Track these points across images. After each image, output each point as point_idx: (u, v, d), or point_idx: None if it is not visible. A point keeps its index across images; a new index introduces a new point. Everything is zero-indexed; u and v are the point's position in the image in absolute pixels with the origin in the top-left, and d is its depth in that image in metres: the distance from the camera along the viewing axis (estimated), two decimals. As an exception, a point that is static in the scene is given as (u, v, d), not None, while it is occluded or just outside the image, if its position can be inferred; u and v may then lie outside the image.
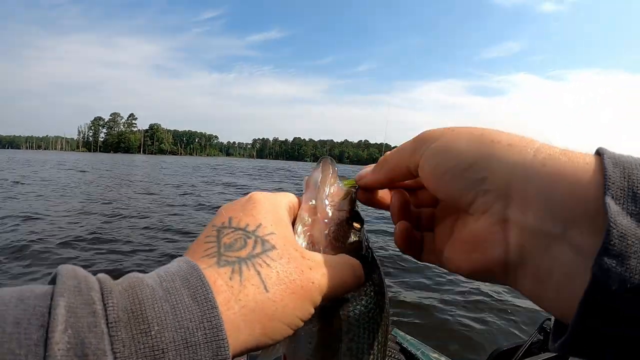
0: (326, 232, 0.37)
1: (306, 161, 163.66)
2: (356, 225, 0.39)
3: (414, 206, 0.38)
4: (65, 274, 0.20)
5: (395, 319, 3.33)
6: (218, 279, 0.25)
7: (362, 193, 0.38)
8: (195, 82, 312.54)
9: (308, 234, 0.37)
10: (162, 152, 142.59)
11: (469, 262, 0.29)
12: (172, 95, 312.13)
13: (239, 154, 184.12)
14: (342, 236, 0.37)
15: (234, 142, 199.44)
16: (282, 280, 0.27)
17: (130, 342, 0.19)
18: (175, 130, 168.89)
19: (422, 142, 0.31)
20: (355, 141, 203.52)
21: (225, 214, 0.31)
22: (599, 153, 0.24)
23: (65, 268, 0.21)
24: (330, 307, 0.34)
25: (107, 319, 0.19)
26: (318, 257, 0.32)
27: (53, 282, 0.20)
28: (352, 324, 0.36)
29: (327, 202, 0.39)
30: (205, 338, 0.21)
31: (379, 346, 0.37)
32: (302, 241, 0.36)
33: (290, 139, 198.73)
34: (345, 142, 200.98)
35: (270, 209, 0.32)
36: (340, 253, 0.36)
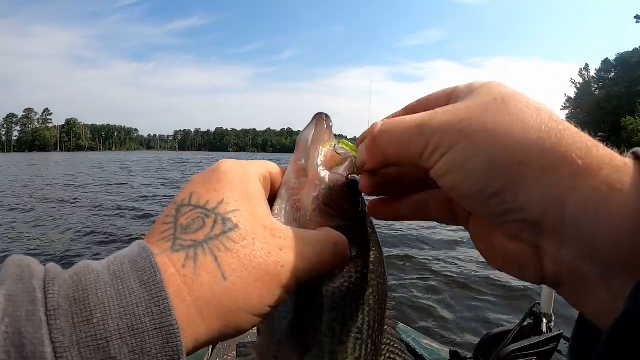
0: (315, 194, 0.35)
1: (229, 151, 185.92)
2: (353, 192, 0.36)
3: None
4: (11, 262, 0.20)
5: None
6: (170, 266, 0.24)
7: (366, 179, 0.34)
8: (114, 73, 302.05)
9: (293, 197, 0.35)
10: (80, 148, 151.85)
11: (502, 267, 0.28)
12: (89, 87, 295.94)
13: (161, 146, 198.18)
14: (334, 202, 0.35)
15: (155, 135, 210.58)
16: (244, 265, 0.25)
17: (70, 331, 0.19)
18: (93, 124, 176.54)
19: (434, 144, 0.27)
20: (279, 129, 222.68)
21: (188, 189, 0.29)
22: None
23: (13, 257, 0.21)
24: (310, 281, 0.32)
25: (46, 307, 0.19)
26: (293, 234, 0.29)
27: None
28: (336, 302, 0.34)
29: (319, 162, 0.36)
30: (154, 324, 0.20)
31: (370, 331, 0.35)
32: (285, 205, 0.35)
33: (213, 129, 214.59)
34: (269, 131, 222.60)
35: (237, 181, 0.30)
36: (329, 221, 0.34)
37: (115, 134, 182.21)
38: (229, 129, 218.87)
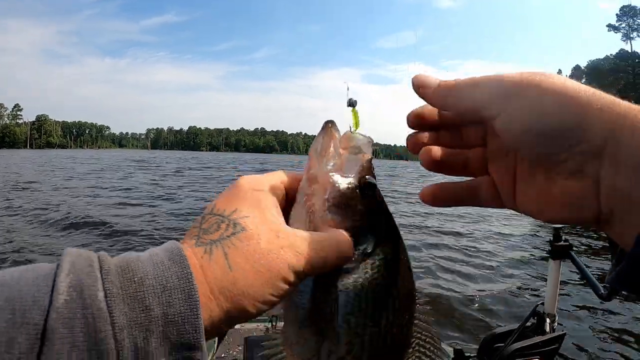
0: (326, 197, 0.39)
1: (202, 150, 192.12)
2: (365, 191, 0.39)
3: (457, 147, 0.39)
4: (70, 249, 0.29)
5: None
6: (193, 257, 0.32)
7: (415, 116, 0.39)
8: (87, 69, 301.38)
9: (307, 203, 0.39)
10: (50, 145, 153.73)
11: (556, 216, 0.33)
12: (61, 83, 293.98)
13: (133, 144, 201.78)
14: (343, 204, 0.39)
15: (127, 133, 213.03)
16: (247, 260, 0.32)
17: (118, 284, 0.27)
18: (64, 121, 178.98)
19: (506, 92, 0.32)
20: (252, 129, 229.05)
21: (212, 203, 0.38)
22: None
23: (70, 248, 0.30)
24: (325, 277, 0.37)
25: (101, 269, 0.27)
26: (296, 235, 0.36)
27: None
28: (351, 296, 0.38)
29: (328, 168, 0.40)
30: (179, 284, 0.29)
31: (389, 325, 0.38)
32: (300, 210, 0.40)
33: (186, 128, 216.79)
34: (242, 130, 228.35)
35: (249, 193, 0.37)
36: (340, 221, 0.39)
37: (87, 132, 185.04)
38: (202, 128, 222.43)
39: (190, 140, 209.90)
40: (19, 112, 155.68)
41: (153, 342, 0.27)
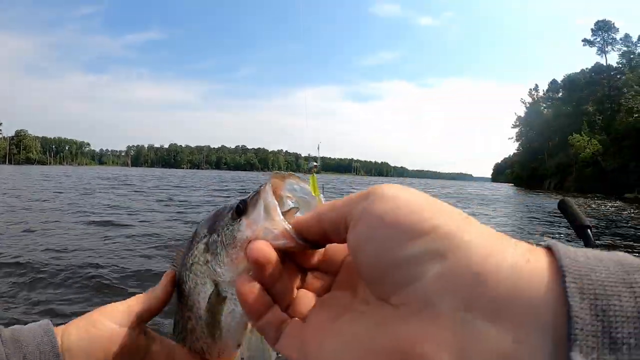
0: None
1: (182, 168, 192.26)
2: None
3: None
4: None
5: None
6: (59, 330, 0.49)
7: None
8: (68, 84, 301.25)
9: None
10: (29, 161, 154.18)
11: None
12: (42, 97, 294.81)
13: (113, 162, 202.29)
14: None
15: (107, 150, 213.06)
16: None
17: (12, 348, 0.44)
18: (44, 137, 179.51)
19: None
20: (233, 146, 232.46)
21: None
22: (558, 264, 0.20)
23: None
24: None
25: (1, 338, 0.45)
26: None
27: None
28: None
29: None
30: (50, 348, 0.45)
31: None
32: None
33: (166, 145, 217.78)
34: (223, 148, 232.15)
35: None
36: None
37: (67, 148, 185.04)
38: (183, 146, 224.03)
39: (171, 157, 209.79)
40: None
41: None
